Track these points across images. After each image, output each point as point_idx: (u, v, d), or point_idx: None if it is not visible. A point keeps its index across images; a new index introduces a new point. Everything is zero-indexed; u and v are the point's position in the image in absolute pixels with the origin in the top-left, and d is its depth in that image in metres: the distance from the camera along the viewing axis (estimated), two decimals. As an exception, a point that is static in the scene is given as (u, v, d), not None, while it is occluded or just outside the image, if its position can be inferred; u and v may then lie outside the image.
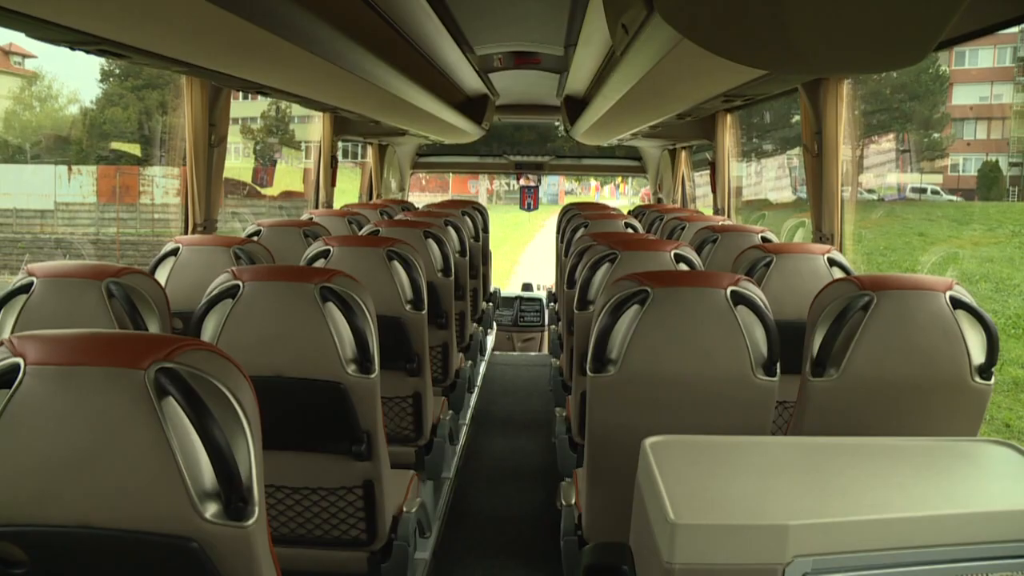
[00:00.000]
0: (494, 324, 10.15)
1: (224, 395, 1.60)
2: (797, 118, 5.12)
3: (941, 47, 2.29)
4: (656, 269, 3.53)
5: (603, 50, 5.42)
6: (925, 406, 2.71)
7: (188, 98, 4.96)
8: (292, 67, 3.69)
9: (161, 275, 4.00)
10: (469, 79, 7.66)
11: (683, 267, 3.89)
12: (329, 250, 3.91)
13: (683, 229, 5.84)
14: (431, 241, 4.91)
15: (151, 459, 1.54)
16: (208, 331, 2.73)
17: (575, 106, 8.16)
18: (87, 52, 3.14)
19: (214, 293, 2.77)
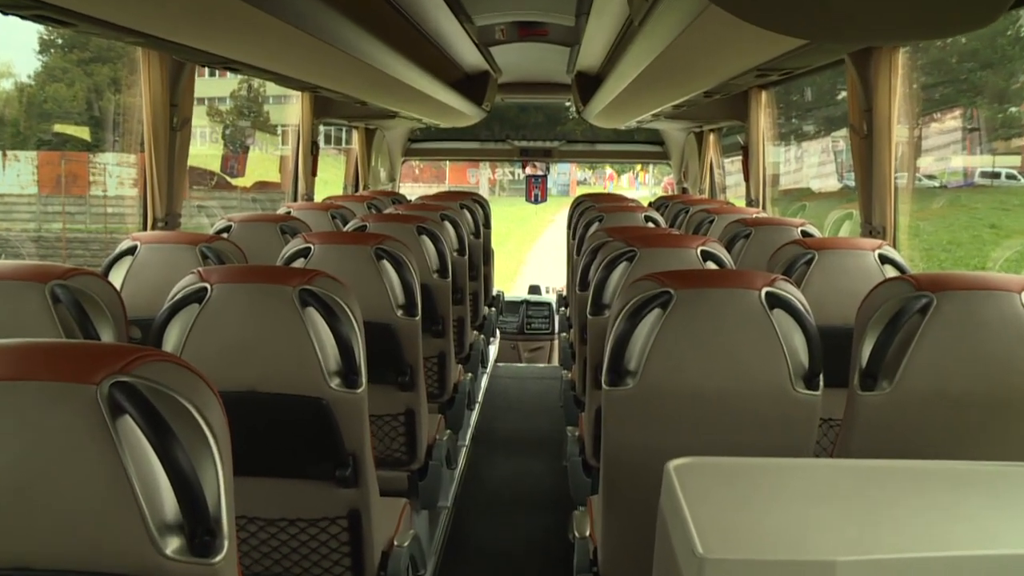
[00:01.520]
0: (497, 332, 10.17)
1: (189, 413, 1.60)
2: (844, 94, 5.10)
3: (1019, 4, 2.28)
4: (680, 268, 3.53)
5: (619, 19, 5.42)
6: (995, 425, 2.69)
7: (145, 75, 4.97)
8: (265, 39, 3.70)
9: (116, 277, 4.01)
10: (468, 54, 7.67)
11: (711, 266, 3.90)
12: (310, 248, 3.92)
13: (711, 223, 5.84)
14: (425, 238, 4.92)
15: (103, 487, 1.53)
16: (171, 340, 2.74)
17: (588, 84, 8.17)
18: (22, 18, 3.13)
19: (178, 297, 2.78)
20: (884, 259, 3.85)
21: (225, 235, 4.93)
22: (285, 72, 5.09)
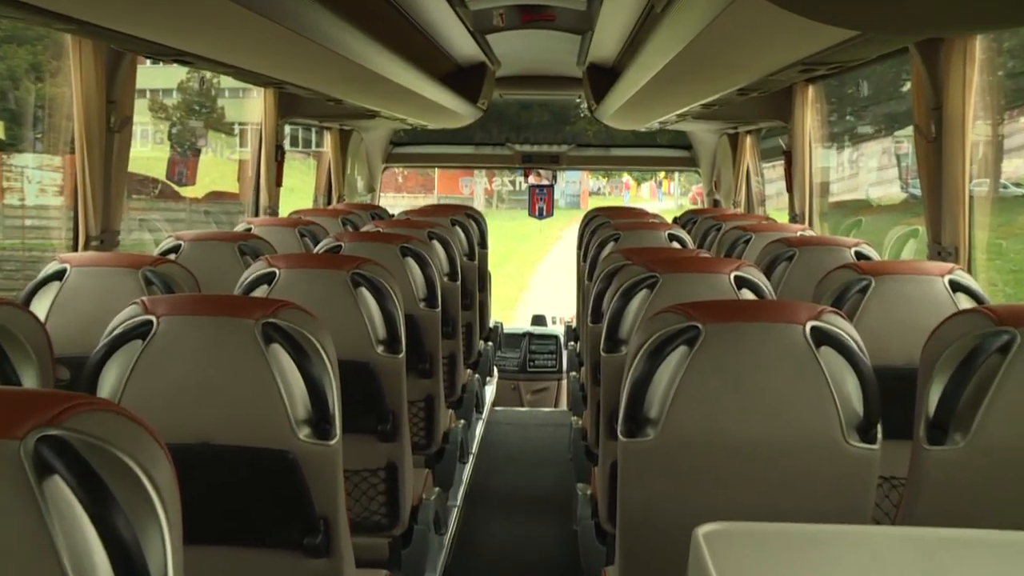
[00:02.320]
0: (495, 370, 10.17)
1: (131, 471, 1.61)
2: (909, 86, 5.11)
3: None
4: (710, 298, 3.55)
5: (639, 3, 5.46)
6: None
7: (76, 64, 4.98)
8: (220, 26, 3.73)
9: (40, 307, 4.03)
10: (461, 43, 7.72)
11: (747, 295, 3.93)
12: (274, 273, 3.94)
13: (747, 242, 5.87)
14: (410, 261, 4.94)
15: (26, 561, 1.53)
16: (107, 384, 2.75)
17: (602, 78, 8.21)
18: None
19: (117, 332, 2.80)
20: (956, 286, 3.86)
21: (173, 256, 4.95)
22: (244, 65, 5.12)
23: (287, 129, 8.93)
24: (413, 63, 5.97)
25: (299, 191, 11.62)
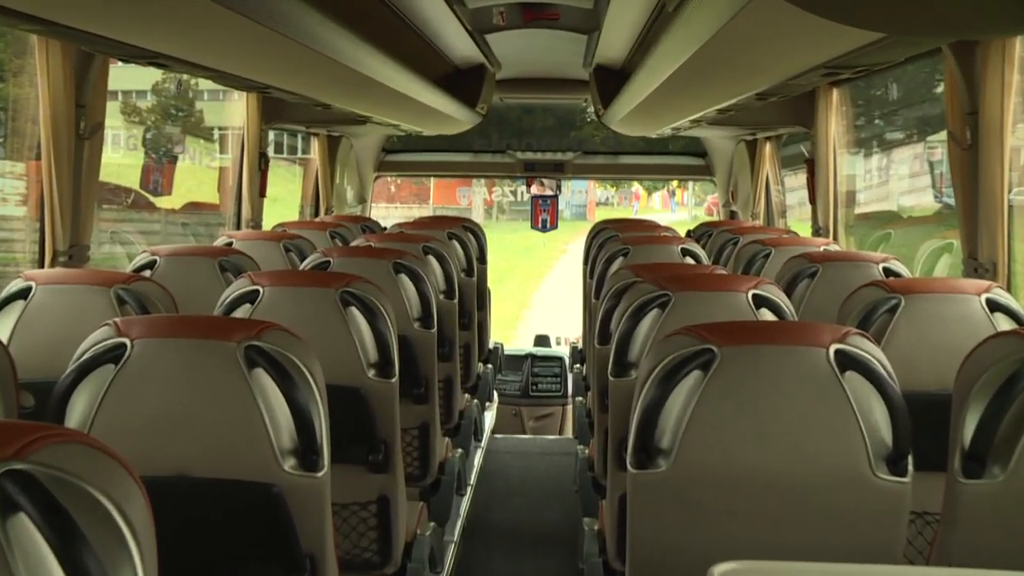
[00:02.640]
0: (495, 395, 10.16)
1: (103, 507, 1.61)
2: (942, 87, 5.10)
3: None
4: (726, 318, 3.55)
5: (650, 1, 5.48)
6: None
7: (43, 66, 4.96)
8: (198, 28, 3.73)
9: (2, 328, 4.02)
10: (458, 43, 7.74)
11: (766, 315, 3.93)
12: (257, 291, 3.95)
13: (767, 257, 5.88)
14: (404, 278, 4.95)
15: None
16: (77, 413, 2.75)
17: (610, 81, 8.23)
18: None
19: (87, 356, 2.80)
20: (994, 306, 3.86)
21: (148, 273, 4.95)
22: (226, 69, 5.12)
23: (271, 135, 8.92)
24: (407, 65, 5.99)
25: (284, 201, 11.62)
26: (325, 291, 3.91)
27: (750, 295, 3.97)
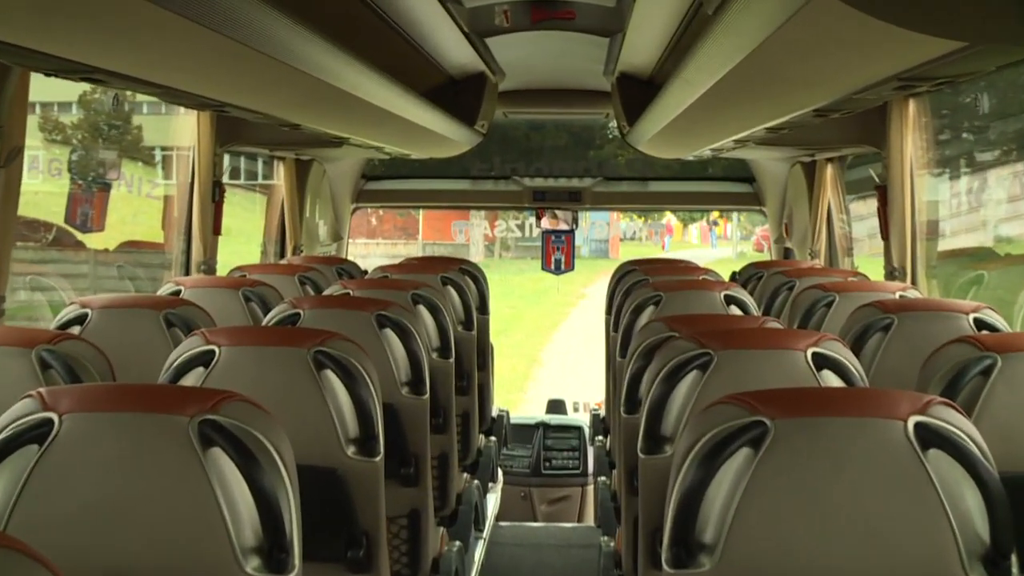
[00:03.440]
0: (499, 473, 10.14)
1: None
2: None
3: None
4: (781, 384, 3.55)
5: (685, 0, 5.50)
6: None
7: (-55, 81, 4.95)
8: (140, 36, 3.73)
9: None
10: (453, 49, 7.77)
11: (830, 380, 3.93)
12: (213, 352, 3.95)
13: (830, 306, 5.87)
14: (390, 333, 4.95)
15: None
16: None
17: (637, 92, 8.25)
18: None
19: (4, 436, 2.79)
20: None
21: (77, 330, 4.95)
22: (174, 84, 5.11)
23: (227, 159, 8.92)
24: (391, 76, 6.00)
25: (242, 237, 11.63)
26: (295, 351, 3.91)
27: (809, 354, 3.96)
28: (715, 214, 36.58)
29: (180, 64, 4.47)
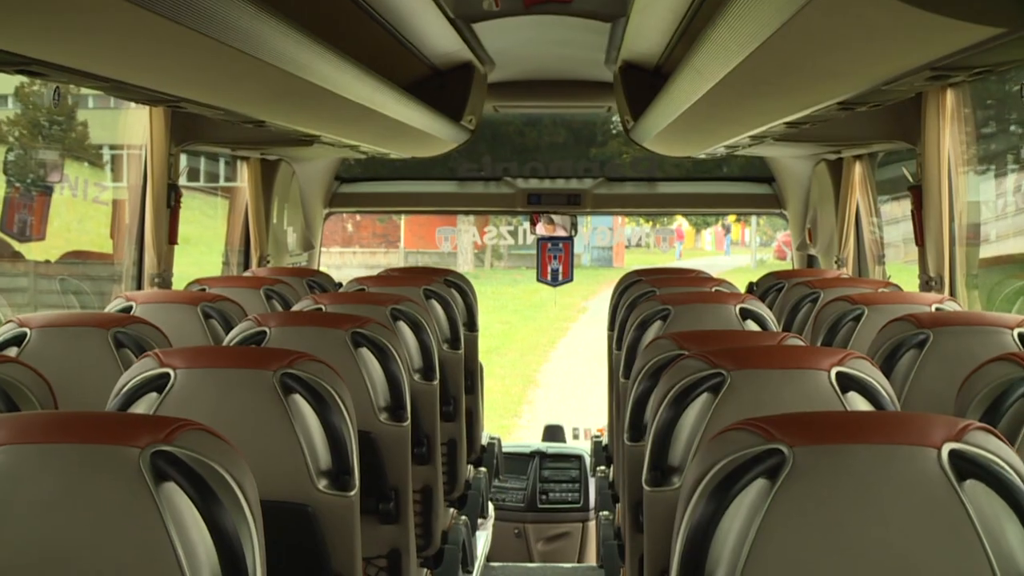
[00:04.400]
0: (490, 508, 10.15)
1: None
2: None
3: None
4: (802, 407, 3.55)
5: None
6: None
7: None
8: (83, 22, 3.74)
9: None
10: (436, 36, 7.78)
11: (857, 402, 3.93)
12: (168, 376, 3.94)
13: (858, 320, 5.88)
14: (366, 353, 4.95)
15: None
16: None
17: (642, 83, 8.27)
18: None
19: None
20: None
21: (14, 351, 4.96)
22: (123, 78, 5.13)
23: (184, 159, 8.92)
24: (367, 67, 6.01)
25: (201, 245, 11.63)
26: (259, 374, 3.91)
27: (834, 374, 3.96)
28: (730, 218, 36.61)
29: (128, 55, 4.48)
